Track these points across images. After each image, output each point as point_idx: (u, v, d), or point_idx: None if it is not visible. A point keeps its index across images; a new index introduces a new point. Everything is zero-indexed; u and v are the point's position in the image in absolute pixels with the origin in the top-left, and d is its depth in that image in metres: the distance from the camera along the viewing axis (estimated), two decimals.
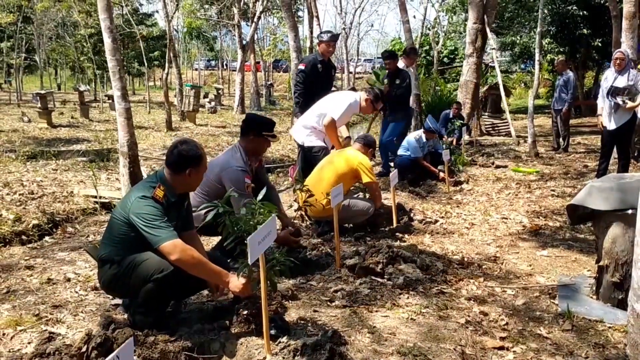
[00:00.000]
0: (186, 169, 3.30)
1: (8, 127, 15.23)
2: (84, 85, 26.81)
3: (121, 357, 1.48)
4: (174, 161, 3.33)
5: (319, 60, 7.49)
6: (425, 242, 5.37)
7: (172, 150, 3.36)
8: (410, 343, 3.15)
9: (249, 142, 4.53)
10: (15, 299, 3.83)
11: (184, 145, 3.35)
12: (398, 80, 9.04)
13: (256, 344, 3.06)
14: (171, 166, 3.33)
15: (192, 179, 3.34)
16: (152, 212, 3.10)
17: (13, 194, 7.28)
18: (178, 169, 3.32)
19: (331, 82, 8.02)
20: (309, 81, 7.38)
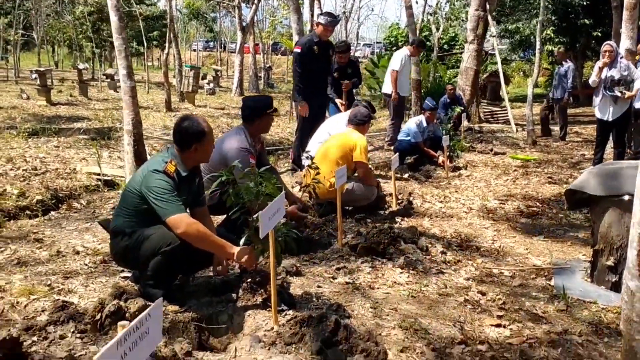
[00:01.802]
0: (191, 145, 3.39)
1: (7, 104, 15.22)
2: (83, 63, 26.65)
3: (152, 315, 1.58)
4: (179, 139, 3.42)
5: (314, 41, 7.43)
6: (425, 225, 5.48)
7: (176, 128, 3.45)
8: (411, 318, 3.27)
9: (253, 125, 4.61)
10: (27, 269, 3.93)
11: (186, 122, 3.44)
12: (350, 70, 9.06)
13: (263, 316, 3.16)
14: (177, 144, 3.43)
15: (199, 153, 3.43)
16: (162, 185, 3.19)
17: (16, 169, 7.35)
18: (184, 145, 3.41)
19: (329, 62, 7.93)
20: (306, 64, 7.33)
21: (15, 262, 4.07)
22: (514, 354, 2.99)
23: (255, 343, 2.88)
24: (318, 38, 7.44)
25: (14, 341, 2.75)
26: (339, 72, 8.79)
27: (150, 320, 1.58)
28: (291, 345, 2.87)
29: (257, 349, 2.84)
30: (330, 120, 7.40)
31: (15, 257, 4.19)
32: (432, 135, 8.96)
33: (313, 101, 7.54)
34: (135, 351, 1.50)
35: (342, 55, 8.72)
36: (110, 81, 22.51)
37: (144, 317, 1.55)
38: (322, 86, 7.80)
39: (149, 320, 1.58)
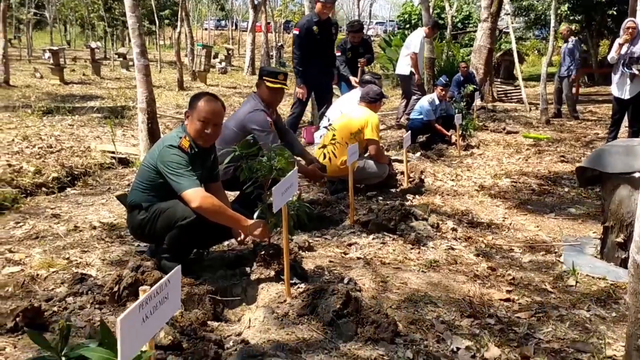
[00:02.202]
0: (186, 114, 3.50)
1: (21, 83, 15.32)
2: (95, 42, 26.71)
3: (171, 281, 1.65)
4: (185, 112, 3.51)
5: (314, 21, 7.28)
6: (436, 202, 5.51)
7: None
8: (421, 292, 3.33)
9: (263, 91, 4.64)
10: (45, 243, 4.02)
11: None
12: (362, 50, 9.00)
13: (276, 289, 3.24)
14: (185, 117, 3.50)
15: (190, 122, 3.47)
16: (177, 160, 3.25)
17: (32, 147, 7.44)
18: (186, 116, 3.50)
19: (332, 42, 7.72)
20: (305, 45, 7.23)
21: (34, 237, 4.17)
22: (522, 328, 3.04)
23: (268, 314, 2.95)
24: (318, 17, 7.30)
25: (36, 311, 2.84)
26: (352, 52, 8.78)
27: (170, 286, 1.65)
28: (303, 316, 2.94)
29: (270, 320, 2.91)
30: (343, 98, 7.42)
31: (33, 231, 4.29)
32: (444, 114, 8.95)
33: (313, 83, 7.51)
34: (155, 315, 1.57)
35: (355, 35, 8.70)
36: (123, 60, 22.54)
37: (163, 282, 1.62)
38: (323, 68, 7.62)
39: (168, 286, 1.64)
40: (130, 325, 1.45)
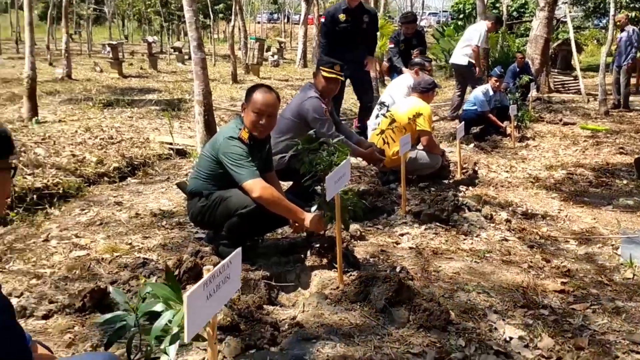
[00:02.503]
0: (243, 106, 3.58)
1: (82, 77, 15.87)
2: (152, 36, 27.35)
3: (232, 262, 1.73)
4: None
5: (342, 9, 6.91)
6: (490, 194, 5.47)
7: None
8: (474, 282, 3.34)
9: (319, 81, 4.70)
10: (109, 229, 4.21)
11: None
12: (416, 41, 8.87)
13: (329, 276, 3.31)
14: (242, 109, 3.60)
15: (246, 114, 3.55)
16: (238, 152, 3.35)
17: (94, 138, 7.73)
18: (242, 107, 3.58)
19: (364, 32, 7.07)
20: (331, 34, 6.93)
21: (98, 223, 4.37)
22: (577, 319, 3.02)
23: (321, 300, 3.03)
24: (347, 5, 6.94)
25: (102, 292, 3.00)
26: (405, 44, 8.73)
27: (231, 266, 1.73)
28: (356, 303, 3.00)
29: (323, 305, 2.98)
30: (392, 83, 7.39)
31: (97, 218, 4.49)
32: (499, 105, 8.82)
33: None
34: (218, 294, 1.66)
35: (409, 26, 8.66)
36: (179, 54, 23.02)
37: (226, 263, 1.71)
38: (352, 58, 7.00)
39: (229, 267, 1.73)
40: (196, 302, 1.54)
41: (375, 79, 9.90)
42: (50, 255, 3.70)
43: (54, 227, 4.31)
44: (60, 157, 6.53)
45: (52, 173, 5.94)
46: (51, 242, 3.93)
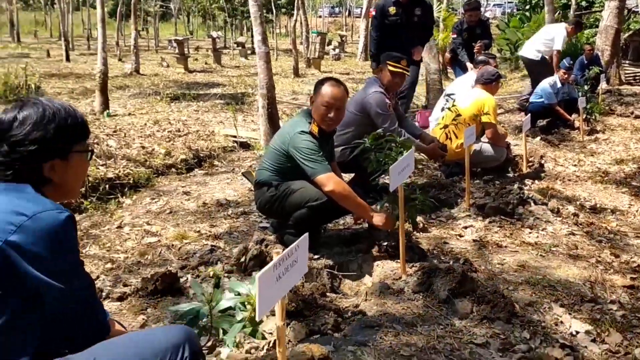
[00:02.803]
0: (311, 98, 3.62)
1: (149, 72, 16.40)
2: (216, 32, 27.93)
3: (300, 246, 1.79)
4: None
5: (392, 1, 6.64)
6: (557, 188, 5.34)
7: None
8: (539, 275, 3.29)
9: (385, 75, 4.71)
10: (178, 218, 4.37)
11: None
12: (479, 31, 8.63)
13: (391, 266, 3.33)
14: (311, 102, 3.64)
15: (314, 106, 3.60)
16: (309, 146, 3.39)
17: (162, 131, 8.00)
18: (311, 101, 3.63)
19: (416, 25, 6.73)
20: (381, 27, 6.70)
21: (168, 212, 4.53)
22: None
23: (384, 289, 3.06)
24: None
25: (173, 276, 3.13)
26: (468, 33, 8.59)
27: (299, 250, 1.79)
28: (419, 293, 3.01)
29: (386, 294, 3.01)
30: (456, 81, 7.32)
31: (167, 207, 4.66)
32: (567, 97, 8.55)
33: None
34: (286, 276, 1.72)
35: (472, 14, 8.50)
36: (242, 49, 23.41)
37: (294, 247, 1.76)
38: (401, 51, 6.37)
39: (297, 251, 1.79)
40: (266, 283, 1.60)
41: (438, 70, 9.76)
42: (123, 241, 3.89)
43: (126, 215, 4.51)
44: (130, 148, 6.79)
45: (123, 164, 6.19)
46: (124, 229, 4.12)
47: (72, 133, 1.76)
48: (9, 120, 1.68)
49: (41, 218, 1.57)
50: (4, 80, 9.96)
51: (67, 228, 1.62)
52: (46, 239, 1.57)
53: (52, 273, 1.58)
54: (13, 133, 1.66)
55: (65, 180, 1.76)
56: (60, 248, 1.60)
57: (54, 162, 1.71)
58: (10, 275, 1.56)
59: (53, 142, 1.69)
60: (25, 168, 1.67)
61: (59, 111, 1.73)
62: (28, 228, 1.55)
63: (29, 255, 1.55)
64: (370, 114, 4.53)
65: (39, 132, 1.67)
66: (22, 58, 17.64)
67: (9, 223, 1.55)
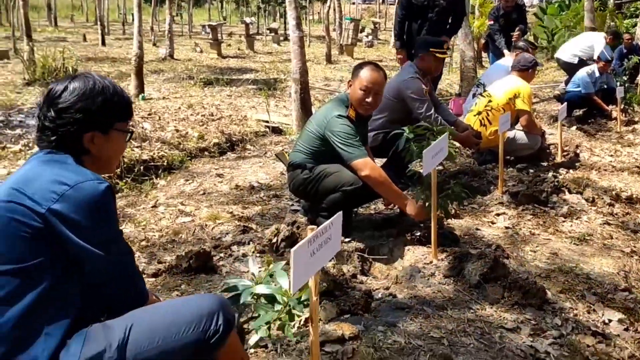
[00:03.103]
0: (349, 82, 3.61)
1: (183, 57, 16.53)
2: (249, 17, 28.02)
3: (334, 224, 1.81)
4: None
5: None
6: (592, 177, 5.25)
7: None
8: (572, 264, 3.26)
9: (420, 60, 4.68)
10: (211, 199, 4.43)
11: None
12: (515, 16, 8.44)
13: (422, 251, 3.34)
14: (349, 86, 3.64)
15: (352, 91, 3.59)
16: (346, 130, 3.39)
17: (196, 115, 8.08)
18: (349, 85, 3.62)
19: (443, 10, 6.48)
20: (406, 6, 6.51)
21: (201, 193, 4.60)
22: None
23: (415, 273, 3.07)
24: None
25: (207, 255, 3.19)
26: (505, 19, 8.45)
27: (332, 228, 1.81)
28: (450, 278, 3.02)
29: (416, 278, 3.02)
30: (491, 68, 7.23)
31: (201, 188, 4.73)
32: (605, 87, 8.38)
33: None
34: (320, 252, 1.74)
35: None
36: (274, 35, 23.42)
37: (328, 224, 1.79)
38: (429, 33, 6.36)
39: (331, 229, 1.81)
40: (301, 257, 1.63)
41: (473, 58, 9.62)
42: (158, 220, 3.96)
43: (160, 195, 4.59)
44: (164, 131, 6.89)
45: (158, 146, 6.30)
46: (159, 209, 4.20)
47: (116, 110, 1.83)
48: (60, 89, 1.76)
49: (82, 188, 1.63)
50: (42, 63, 10.15)
51: (107, 198, 1.68)
52: (87, 208, 1.63)
53: (92, 241, 1.64)
54: (61, 100, 1.74)
55: (102, 154, 1.83)
56: (100, 217, 1.66)
57: (95, 134, 1.77)
58: (52, 242, 1.62)
59: (97, 114, 1.76)
60: (67, 135, 1.74)
61: (107, 87, 1.81)
62: (70, 197, 1.61)
63: (70, 223, 1.61)
64: (405, 100, 4.52)
65: (85, 103, 1.75)
66: (59, 42, 17.92)
67: (52, 192, 1.61)
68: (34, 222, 1.60)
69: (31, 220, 1.60)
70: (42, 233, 1.61)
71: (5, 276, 1.59)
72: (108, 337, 1.64)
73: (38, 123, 1.78)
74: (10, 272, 1.59)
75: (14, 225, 1.60)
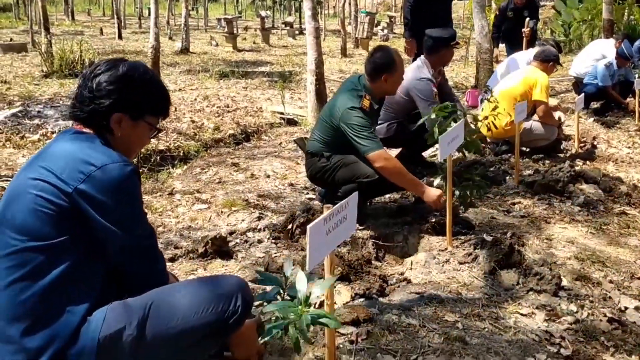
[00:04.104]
0: (381, 76, 3.56)
1: (199, 50, 16.59)
2: (264, 11, 28.01)
3: (350, 204, 1.82)
4: (370, 70, 3.62)
5: None
6: (609, 169, 5.21)
7: (368, 58, 3.64)
8: (588, 252, 3.25)
9: (433, 56, 4.66)
10: (227, 187, 4.46)
11: (378, 53, 3.63)
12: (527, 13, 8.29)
13: (437, 239, 3.33)
14: (368, 74, 3.62)
15: (388, 84, 3.60)
16: (361, 122, 3.39)
17: (212, 106, 8.13)
18: (374, 76, 3.60)
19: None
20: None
21: (217, 181, 4.63)
22: None
23: (429, 259, 3.07)
24: None
25: (223, 240, 3.22)
26: (515, 13, 8.34)
27: (348, 208, 1.82)
28: (464, 264, 3.02)
29: (431, 264, 3.03)
30: (506, 61, 7.17)
31: (216, 177, 4.76)
32: (622, 79, 8.28)
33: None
34: (335, 231, 1.75)
35: None
36: (290, 29, 23.42)
37: (344, 204, 1.80)
38: (438, 22, 6.10)
39: (347, 208, 1.82)
40: (316, 235, 1.65)
41: (489, 50, 9.52)
42: (174, 207, 4.00)
43: (177, 183, 4.63)
44: (180, 122, 6.95)
45: (174, 137, 6.35)
46: (175, 196, 4.24)
47: (152, 103, 1.87)
48: (109, 67, 1.80)
49: (109, 169, 1.66)
50: (60, 55, 10.25)
51: (133, 180, 1.71)
52: (112, 189, 1.66)
53: (116, 221, 1.67)
54: (106, 77, 1.78)
55: (124, 140, 1.85)
56: (125, 198, 1.69)
57: (124, 117, 1.80)
58: (76, 221, 1.65)
59: (132, 99, 1.80)
60: (99, 110, 1.77)
61: (152, 79, 1.86)
62: (96, 178, 1.64)
63: (95, 203, 1.64)
64: (414, 99, 4.50)
65: (126, 86, 1.78)
66: (76, 35, 18.07)
67: (79, 172, 1.64)
68: (60, 201, 1.63)
69: (58, 199, 1.63)
70: (68, 212, 1.64)
71: (30, 252, 1.62)
72: (128, 315, 1.67)
73: (77, 91, 1.82)
74: (35, 248, 1.62)
75: (40, 202, 1.62)
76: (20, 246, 1.62)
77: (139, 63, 1.86)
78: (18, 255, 1.62)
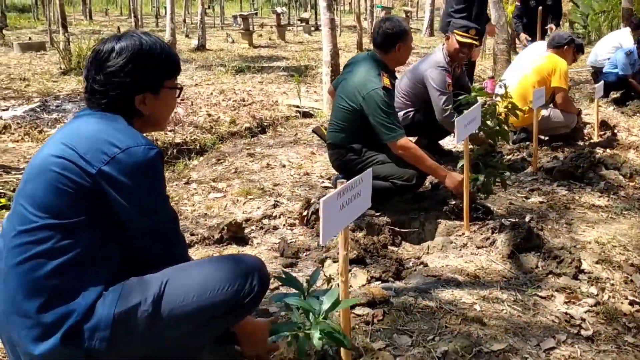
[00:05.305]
0: (395, 45, 3.54)
1: (215, 47, 16.64)
2: (280, 8, 28.03)
3: (364, 179, 1.80)
4: (382, 41, 3.57)
5: None
6: (629, 157, 5.12)
7: (377, 31, 3.59)
8: (609, 235, 3.19)
9: (450, 44, 4.59)
10: (243, 177, 4.45)
11: (388, 22, 3.58)
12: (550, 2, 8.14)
13: (454, 224, 3.30)
14: (381, 47, 3.58)
15: (401, 53, 3.58)
16: (385, 105, 3.34)
17: (228, 100, 8.14)
18: (388, 46, 3.56)
19: None
20: None
21: (233, 171, 4.63)
22: None
23: (447, 243, 3.04)
24: None
25: (238, 226, 3.21)
26: (537, 2, 8.24)
27: (362, 184, 1.80)
28: (482, 248, 2.98)
29: (448, 248, 3.00)
30: (525, 50, 7.08)
31: (232, 167, 4.76)
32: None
33: None
34: (349, 207, 1.73)
35: None
36: (305, 25, 23.40)
37: (357, 179, 1.78)
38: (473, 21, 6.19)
39: (360, 184, 1.80)
40: (330, 209, 1.63)
41: (506, 40, 9.43)
42: (191, 196, 4.01)
43: (193, 173, 4.64)
44: (197, 116, 6.97)
45: (190, 130, 6.37)
46: (191, 185, 4.25)
47: (165, 68, 1.82)
48: (107, 51, 1.74)
49: (133, 152, 1.63)
50: (78, 53, 10.34)
51: (156, 163, 1.68)
52: (136, 172, 1.64)
53: (138, 204, 1.66)
54: (110, 64, 1.72)
55: (154, 114, 1.83)
56: (148, 182, 1.67)
57: (146, 95, 1.77)
58: (98, 202, 1.64)
59: (146, 75, 1.76)
60: (118, 98, 1.74)
61: (154, 45, 1.79)
62: (120, 160, 1.62)
63: (118, 185, 1.62)
64: (427, 88, 4.44)
65: (134, 64, 1.73)
66: (94, 34, 18.22)
67: (103, 153, 1.62)
68: (83, 181, 1.61)
69: (80, 179, 1.61)
70: (89, 192, 1.62)
71: (48, 230, 1.61)
72: (144, 291, 1.66)
73: (86, 85, 1.78)
74: (53, 226, 1.61)
75: (62, 181, 1.61)
76: (41, 223, 1.61)
77: (135, 34, 1.79)
78: (37, 232, 1.61)
